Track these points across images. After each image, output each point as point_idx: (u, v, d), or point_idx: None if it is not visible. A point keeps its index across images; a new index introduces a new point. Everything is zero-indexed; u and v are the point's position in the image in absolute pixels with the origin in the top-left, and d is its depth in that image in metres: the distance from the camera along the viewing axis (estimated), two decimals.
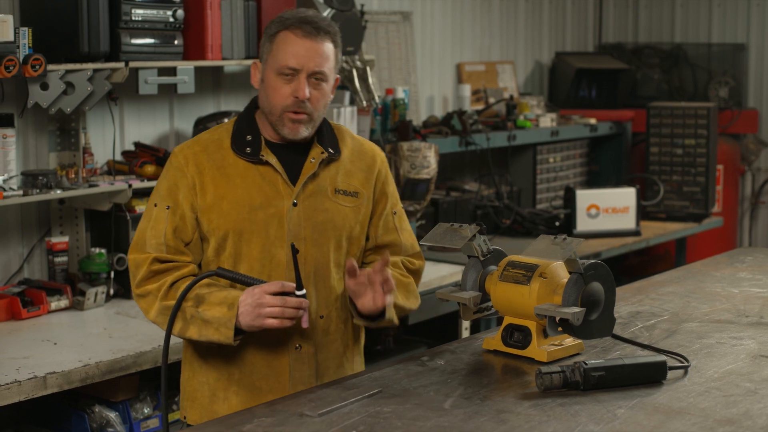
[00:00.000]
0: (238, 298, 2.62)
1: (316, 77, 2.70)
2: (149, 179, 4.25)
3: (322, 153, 2.78)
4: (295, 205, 2.73)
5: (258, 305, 2.59)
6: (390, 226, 2.90)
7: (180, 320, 2.66)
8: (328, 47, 2.72)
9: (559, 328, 2.73)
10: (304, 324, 2.65)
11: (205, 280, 2.69)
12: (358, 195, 2.83)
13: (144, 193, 4.29)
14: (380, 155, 2.92)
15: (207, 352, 2.78)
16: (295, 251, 2.64)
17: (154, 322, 2.73)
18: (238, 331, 2.64)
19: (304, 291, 2.63)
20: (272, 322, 2.60)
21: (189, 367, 2.85)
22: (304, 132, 2.73)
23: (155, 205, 2.75)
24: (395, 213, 2.92)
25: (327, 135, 2.82)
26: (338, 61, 2.78)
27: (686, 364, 2.74)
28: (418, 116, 6.16)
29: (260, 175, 2.74)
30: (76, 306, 4.16)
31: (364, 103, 5.17)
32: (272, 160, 2.74)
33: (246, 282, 2.66)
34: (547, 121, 6.43)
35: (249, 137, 2.76)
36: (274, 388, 2.76)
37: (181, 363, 2.89)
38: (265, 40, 2.75)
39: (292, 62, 2.68)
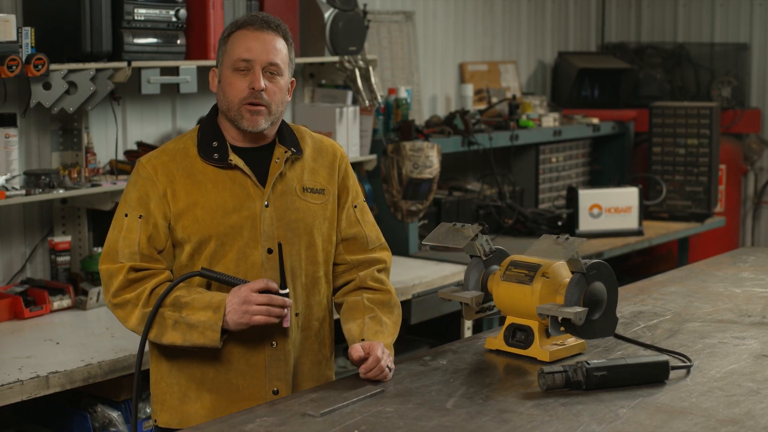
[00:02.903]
0: (224, 300, 2.65)
1: (271, 70, 2.75)
2: None
3: (286, 152, 2.83)
4: (267, 206, 2.77)
5: (245, 302, 2.63)
6: (352, 219, 2.94)
7: (163, 327, 2.68)
8: (280, 42, 2.78)
9: (562, 328, 2.73)
10: (286, 323, 2.70)
11: (183, 284, 2.71)
12: (324, 192, 2.88)
13: None
14: (340, 150, 2.97)
15: (177, 353, 2.79)
16: (279, 250, 2.70)
17: (134, 331, 2.73)
18: (223, 332, 2.67)
19: (287, 290, 2.68)
20: (259, 319, 2.64)
21: (157, 370, 2.85)
22: (264, 124, 2.77)
23: (126, 215, 2.76)
24: (356, 206, 2.96)
25: (288, 135, 2.88)
26: (291, 59, 2.83)
27: (688, 363, 2.74)
28: (420, 116, 6.16)
29: (230, 179, 2.78)
30: (78, 305, 4.16)
31: (367, 102, 5.17)
32: (240, 163, 2.78)
33: (229, 282, 2.69)
34: (550, 120, 6.42)
35: (215, 143, 2.80)
36: (251, 385, 2.78)
37: (150, 366, 2.89)
38: (219, 45, 2.82)
39: (245, 54, 2.73)
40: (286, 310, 2.66)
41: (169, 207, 2.75)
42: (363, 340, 2.76)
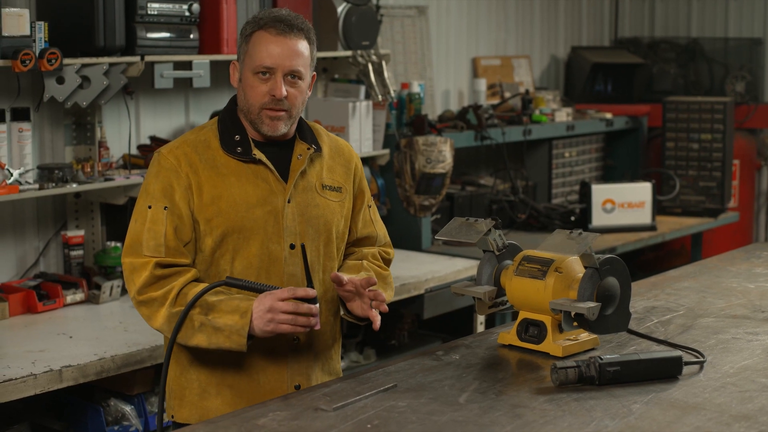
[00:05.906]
0: (251, 306, 2.63)
1: (292, 75, 2.73)
2: None
3: (309, 149, 2.82)
4: (288, 201, 2.77)
5: (270, 310, 2.61)
6: (367, 220, 2.98)
7: (188, 328, 2.65)
8: (303, 45, 2.75)
9: (575, 323, 2.73)
10: (317, 327, 2.67)
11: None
12: (341, 190, 2.88)
13: None
14: (355, 152, 2.99)
15: (198, 349, 2.74)
16: (303, 251, 2.69)
17: (160, 330, 2.70)
18: (249, 337, 2.65)
19: (316, 294, 2.64)
20: (285, 328, 2.62)
21: (176, 365, 2.82)
22: (283, 128, 2.76)
23: (149, 207, 2.71)
24: (369, 206, 3.00)
25: (307, 132, 2.87)
26: (313, 58, 2.81)
27: (702, 359, 2.73)
28: (433, 110, 6.16)
29: (253, 173, 2.76)
30: (91, 299, 4.17)
31: (380, 97, 5.17)
32: (263, 158, 2.76)
33: (255, 289, 2.66)
34: (563, 115, 6.41)
35: (237, 137, 2.78)
36: (273, 380, 2.78)
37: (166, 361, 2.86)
38: (241, 41, 2.78)
39: (267, 62, 2.71)
40: (314, 319, 2.63)
41: (193, 198, 2.72)
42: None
